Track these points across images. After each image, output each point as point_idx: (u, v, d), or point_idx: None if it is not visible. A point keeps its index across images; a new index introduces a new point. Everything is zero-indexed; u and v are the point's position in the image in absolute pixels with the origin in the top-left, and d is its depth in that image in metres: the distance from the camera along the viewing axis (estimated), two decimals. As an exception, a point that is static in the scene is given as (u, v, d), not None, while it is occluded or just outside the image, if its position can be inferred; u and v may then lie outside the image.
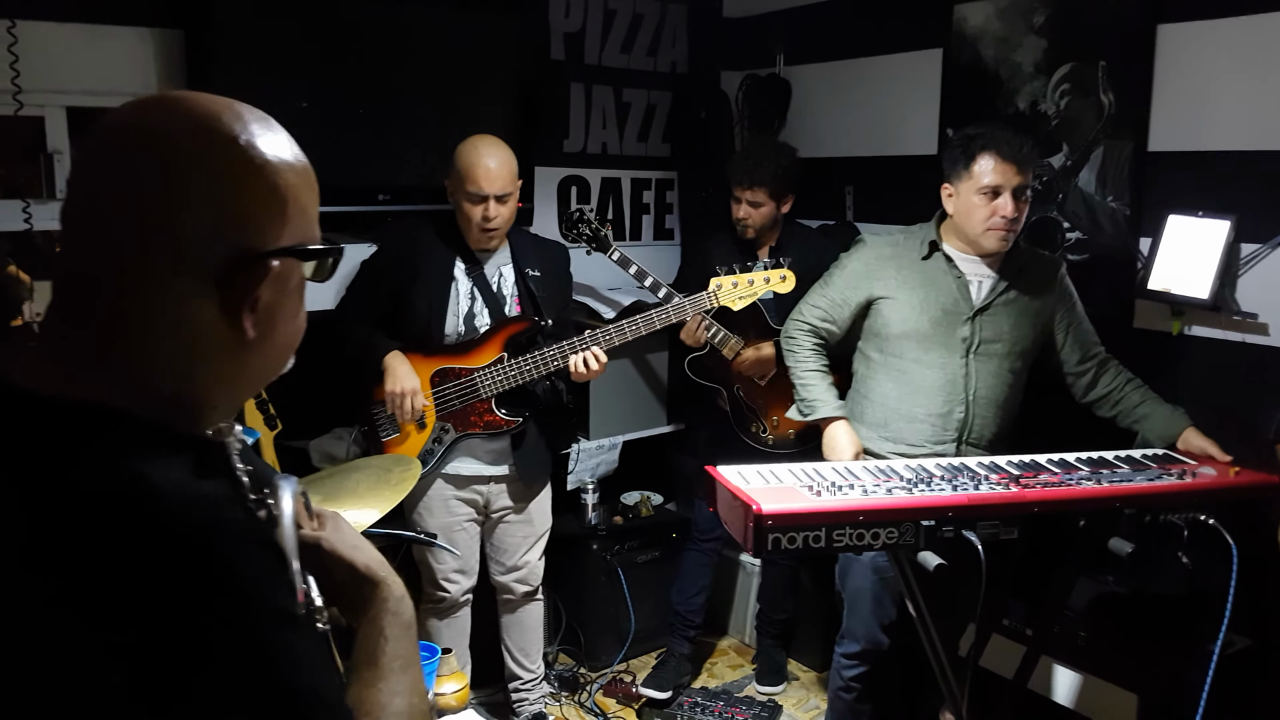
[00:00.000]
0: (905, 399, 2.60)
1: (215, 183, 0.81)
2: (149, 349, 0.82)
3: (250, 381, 0.92)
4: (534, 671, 3.16)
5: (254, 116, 0.86)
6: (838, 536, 1.92)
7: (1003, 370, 2.56)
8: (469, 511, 2.91)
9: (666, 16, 4.01)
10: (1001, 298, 2.56)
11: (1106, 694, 2.53)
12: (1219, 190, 2.66)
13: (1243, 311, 2.63)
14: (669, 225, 4.22)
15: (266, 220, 0.84)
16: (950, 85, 3.33)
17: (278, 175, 0.85)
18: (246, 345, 0.86)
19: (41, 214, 2.80)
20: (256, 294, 0.84)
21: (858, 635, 2.73)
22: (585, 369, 2.70)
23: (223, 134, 0.82)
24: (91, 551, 0.72)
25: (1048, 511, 2.04)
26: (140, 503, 0.74)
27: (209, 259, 0.81)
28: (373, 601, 0.99)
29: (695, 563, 3.50)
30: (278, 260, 0.85)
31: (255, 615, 0.75)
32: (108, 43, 2.84)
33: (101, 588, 0.71)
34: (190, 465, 0.81)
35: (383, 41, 3.16)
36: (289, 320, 0.90)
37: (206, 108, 0.83)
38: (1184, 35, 2.73)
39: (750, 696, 3.45)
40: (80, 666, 0.70)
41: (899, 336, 2.60)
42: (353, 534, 1.04)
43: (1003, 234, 2.49)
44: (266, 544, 0.83)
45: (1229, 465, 2.27)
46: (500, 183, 2.66)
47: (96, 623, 0.70)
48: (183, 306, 0.82)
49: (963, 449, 2.56)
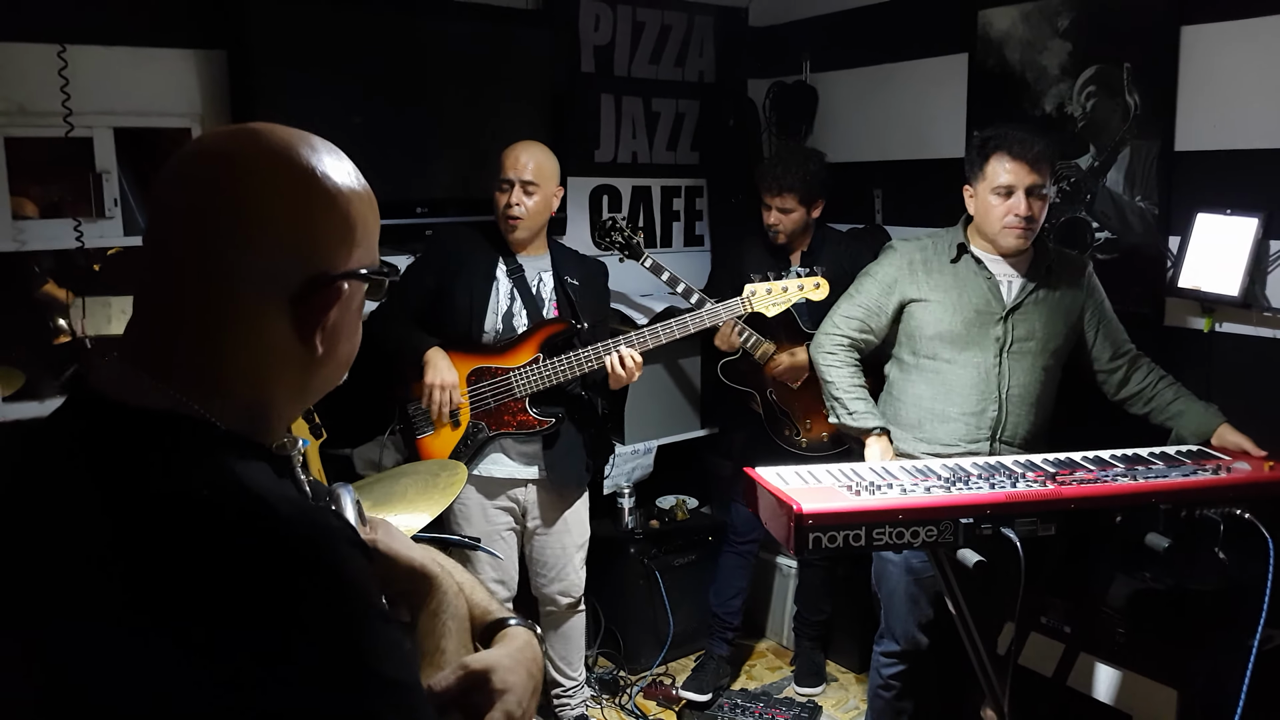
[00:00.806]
0: (939, 399, 2.64)
1: (294, 212, 0.88)
2: (227, 363, 0.88)
3: (313, 393, 0.97)
4: (575, 679, 3.21)
5: (325, 148, 0.93)
6: (877, 535, 1.95)
7: (1035, 368, 2.59)
8: (507, 520, 2.96)
9: (694, 27, 4.07)
10: (1031, 297, 2.60)
11: (1146, 690, 2.55)
12: (1246, 188, 2.68)
13: (1273, 308, 2.65)
14: (699, 232, 4.27)
15: (338, 246, 0.91)
16: (977, 89, 3.37)
17: (349, 204, 0.91)
18: (314, 361, 0.92)
19: (91, 232, 2.89)
20: (327, 314, 0.90)
21: (896, 635, 2.76)
22: (621, 369, 2.74)
23: (301, 166, 0.89)
24: (208, 555, 0.76)
25: (1084, 508, 2.06)
26: (256, 509, 0.79)
27: (286, 282, 0.88)
28: (431, 596, 1.05)
29: (732, 565, 3.54)
30: (347, 283, 0.91)
31: (362, 612, 0.80)
32: (153, 65, 2.94)
33: (221, 590, 0.74)
34: (270, 472, 0.87)
35: (418, 57, 3.24)
36: (350, 337, 0.96)
37: (285, 140, 0.90)
38: (1207, 36, 2.76)
39: (790, 698, 3.49)
40: (198, 663, 0.73)
41: (932, 338, 2.64)
42: (403, 536, 1.10)
43: (1019, 232, 2.54)
44: (358, 545, 0.88)
45: (1264, 460, 2.29)
46: (527, 171, 2.76)
47: (216, 621, 0.74)
48: (259, 324, 0.88)
49: (996, 447, 2.59)
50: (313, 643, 0.76)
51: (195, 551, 0.76)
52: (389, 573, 1.05)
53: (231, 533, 0.77)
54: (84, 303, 2.94)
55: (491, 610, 1.11)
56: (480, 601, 1.11)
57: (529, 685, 1.01)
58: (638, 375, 2.79)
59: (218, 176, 0.87)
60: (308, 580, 0.77)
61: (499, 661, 1.00)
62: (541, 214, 2.84)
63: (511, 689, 0.98)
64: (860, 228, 3.72)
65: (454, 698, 0.96)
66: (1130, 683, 2.58)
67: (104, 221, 2.92)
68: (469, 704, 0.97)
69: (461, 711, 0.97)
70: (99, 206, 2.90)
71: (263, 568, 0.76)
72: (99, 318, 2.95)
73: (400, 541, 1.08)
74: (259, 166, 0.87)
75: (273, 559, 0.77)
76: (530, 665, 1.03)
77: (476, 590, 1.12)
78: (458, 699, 0.97)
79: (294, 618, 0.75)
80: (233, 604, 0.74)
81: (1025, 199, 2.50)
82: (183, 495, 0.79)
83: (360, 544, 0.88)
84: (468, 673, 0.98)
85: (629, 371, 2.76)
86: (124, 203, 2.96)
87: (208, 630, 0.73)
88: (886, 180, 3.74)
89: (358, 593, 0.80)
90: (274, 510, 0.80)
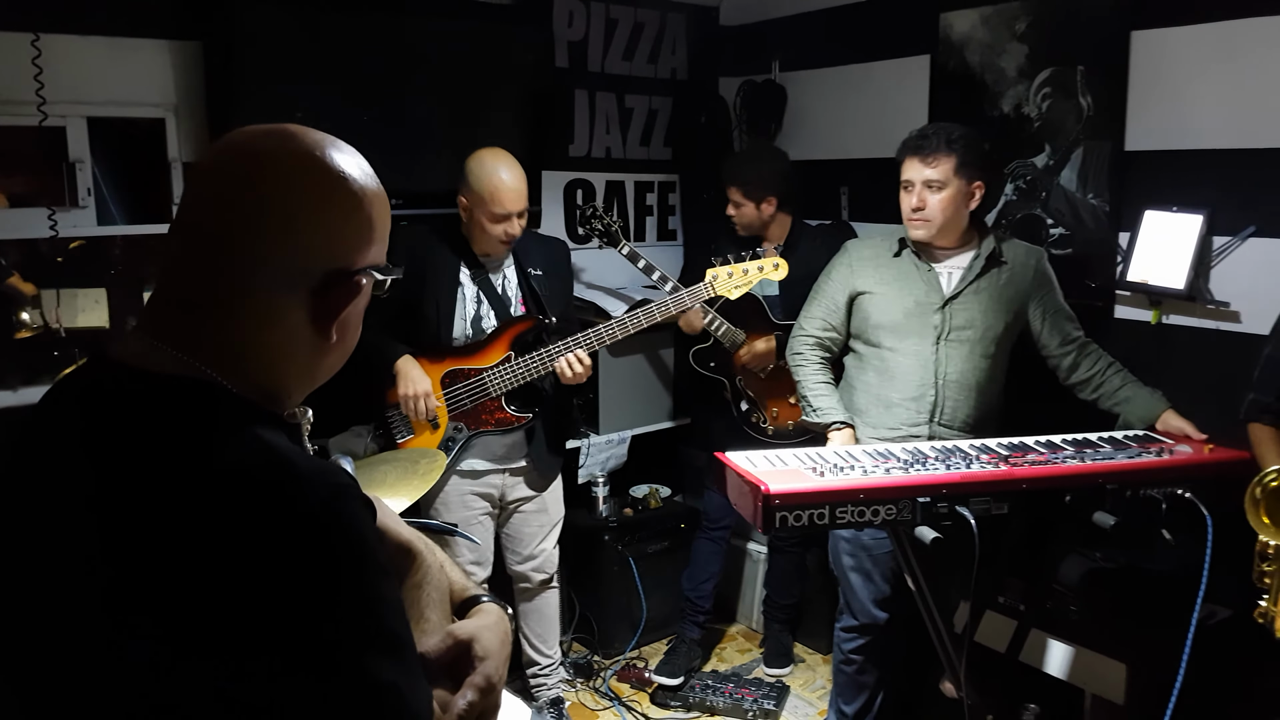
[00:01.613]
0: (885, 386, 2.77)
1: (321, 212, 0.96)
2: (247, 344, 0.95)
3: (320, 378, 1.06)
4: (551, 657, 3.29)
5: (350, 152, 1.01)
6: (840, 514, 2.06)
7: (974, 355, 2.71)
8: (484, 505, 3.03)
9: (666, 25, 4.16)
10: (971, 286, 2.72)
11: (1097, 664, 2.66)
12: (1192, 186, 2.81)
13: (1216, 300, 2.78)
14: (671, 226, 4.36)
15: (357, 243, 0.99)
16: (938, 89, 3.48)
17: (370, 206, 1.00)
18: (326, 348, 1.01)
19: (65, 222, 2.92)
20: (344, 307, 0.99)
21: (854, 610, 2.89)
22: (570, 372, 2.83)
23: (329, 169, 0.97)
24: (242, 512, 0.82)
25: (1036, 488, 2.17)
26: (281, 469, 0.86)
27: (309, 275, 0.96)
28: (416, 569, 1.13)
29: (706, 551, 3.63)
30: (364, 278, 1.00)
31: (376, 569, 0.88)
32: (128, 55, 2.97)
33: (254, 546, 0.81)
34: (286, 438, 0.95)
35: (395, 51, 3.29)
36: (356, 329, 1.06)
37: (316, 142, 0.98)
38: (1157, 41, 2.88)
39: (759, 678, 3.59)
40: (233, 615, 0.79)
41: (877, 328, 2.78)
42: (393, 514, 1.19)
43: (915, 224, 2.69)
44: (367, 503, 0.95)
45: (1204, 444, 2.41)
46: (522, 201, 2.82)
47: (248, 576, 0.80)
48: (281, 311, 0.96)
49: (934, 429, 2.72)
50: (333, 596, 0.83)
51: (218, 508, 0.82)
52: (383, 545, 1.12)
53: (254, 489, 0.84)
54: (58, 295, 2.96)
55: (468, 587, 1.18)
56: (457, 579, 1.19)
57: (504, 653, 1.10)
58: (586, 376, 2.86)
59: (251, 173, 0.95)
60: (326, 534, 0.84)
61: (479, 631, 1.08)
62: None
63: (491, 655, 1.06)
64: (828, 223, 3.83)
65: (444, 663, 1.04)
66: (1082, 658, 2.70)
67: (77, 211, 2.95)
68: (455, 668, 1.05)
69: (447, 674, 1.04)
70: (72, 196, 2.93)
71: (286, 524, 0.83)
72: (70, 309, 2.98)
73: (391, 518, 1.16)
74: (291, 166, 0.96)
75: (295, 514, 0.83)
76: (504, 636, 1.12)
77: (453, 569, 1.19)
78: (446, 664, 1.05)
79: (315, 570, 0.82)
80: (256, 556, 0.81)
81: (918, 192, 2.65)
82: (210, 455, 0.86)
83: (368, 502, 0.95)
84: (455, 640, 1.06)
85: (577, 375, 2.83)
86: (97, 192, 2.98)
87: (236, 580, 0.80)
88: (853, 177, 3.84)
89: (371, 550, 0.88)
90: (296, 467, 0.87)
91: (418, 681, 0.89)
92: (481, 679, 1.04)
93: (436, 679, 1.02)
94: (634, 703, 3.48)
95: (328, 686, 0.81)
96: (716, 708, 3.39)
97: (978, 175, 2.67)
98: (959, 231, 2.73)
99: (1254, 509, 2.15)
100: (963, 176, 2.65)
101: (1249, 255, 2.73)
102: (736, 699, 3.38)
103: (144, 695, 0.80)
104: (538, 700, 3.29)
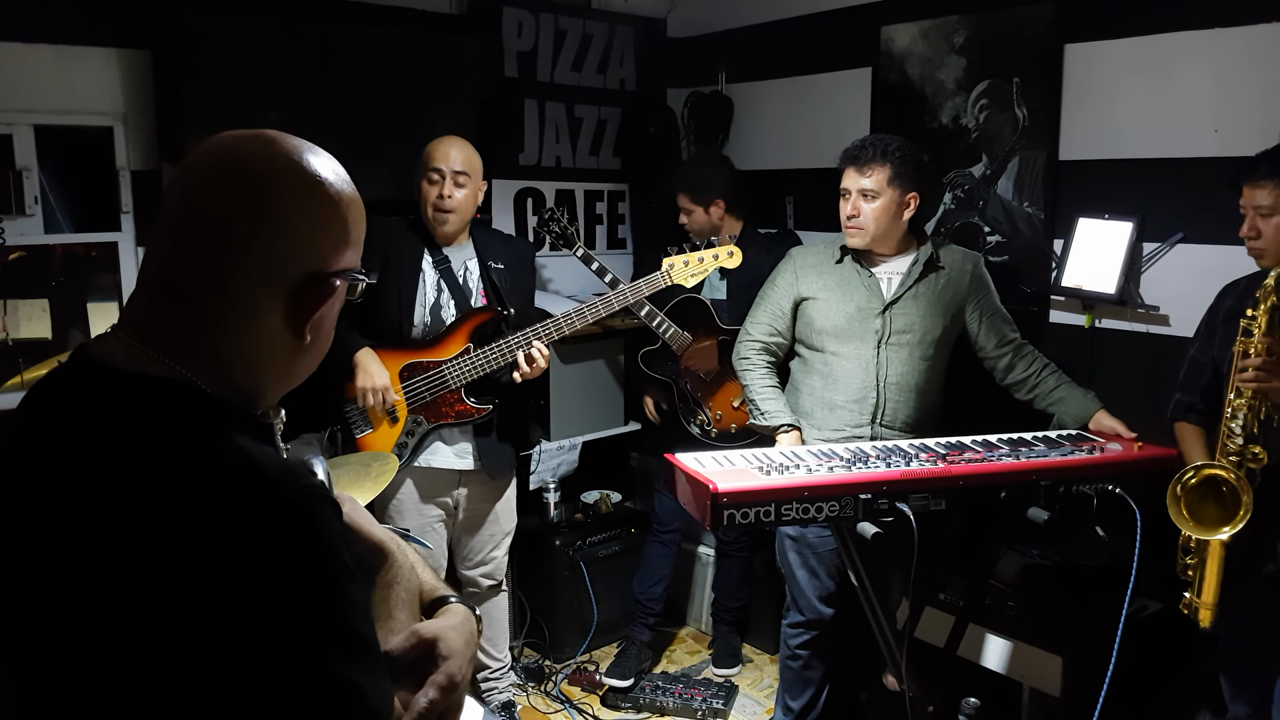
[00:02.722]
0: (828, 389, 2.84)
1: (302, 215, 0.98)
2: (224, 344, 0.97)
3: (295, 378, 1.07)
4: (501, 660, 3.30)
5: (327, 157, 1.04)
6: (786, 511, 2.11)
7: (914, 358, 2.79)
8: (439, 513, 3.04)
9: (615, 37, 4.21)
10: (910, 291, 2.79)
11: (1034, 658, 2.74)
12: (1123, 194, 2.92)
13: (1146, 305, 2.89)
14: (621, 235, 4.41)
15: (335, 246, 1.01)
16: (880, 101, 3.57)
17: (347, 210, 1.03)
18: (301, 349, 1.03)
19: (12, 230, 2.90)
20: (319, 309, 1.01)
21: (800, 606, 2.96)
22: (529, 366, 2.85)
23: (309, 174, 1.00)
24: (211, 512, 0.84)
25: (972, 485, 2.25)
26: (250, 471, 0.88)
27: (287, 278, 0.98)
28: (387, 568, 1.14)
29: (656, 554, 3.67)
30: (340, 281, 1.02)
31: (340, 570, 0.89)
32: (76, 63, 2.95)
33: (220, 546, 0.83)
34: (256, 439, 0.96)
35: (344, 60, 3.31)
36: (330, 331, 1.07)
37: (295, 147, 1.01)
38: (1089, 54, 3.00)
39: (708, 679, 3.63)
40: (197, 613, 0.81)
41: (820, 333, 2.84)
42: (366, 513, 1.20)
43: (850, 231, 2.78)
44: (333, 504, 0.96)
45: (1134, 442, 2.51)
46: (457, 162, 2.83)
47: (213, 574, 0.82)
48: (258, 313, 0.97)
49: (876, 430, 2.79)
50: (296, 596, 0.84)
51: (187, 508, 0.84)
52: (355, 545, 1.13)
53: (224, 490, 0.85)
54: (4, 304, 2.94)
55: (437, 588, 1.20)
56: (428, 580, 1.20)
57: (468, 653, 1.12)
58: (544, 367, 2.89)
59: (236, 175, 0.97)
60: (292, 536, 0.86)
61: (444, 630, 1.10)
62: (471, 206, 2.90)
63: (454, 655, 1.08)
64: (774, 232, 3.90)
65: (408, 662, 1.06)
66: (1020, 651, 2.78)
67: (24, 219, 2.92)
68: (419, 666, 1.07)
69: (411, 672, 1.06)
70: (19, 204, 2.90)
71: (252, 525, 0.84)
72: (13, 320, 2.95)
73: (364, 517, 1.18)
74: (274, 169, 0.98)
75: (262, 516, 0.85)
76: (469, 636, 1.14)
77: (424, 570, 1.21)
78: (410, 663, 1.07)
79: (278, 569, 0.84)
80: (220, 556, 0.82)
81: (854, 201, 2.75)
82: (184, 458, 0.87)
83: (334, 503, 0.96)
84: (420, 639, 1.08)
85: (536, 367, 2.86)
86: (44, 200, 2.96)
87: (197, 576, 0.82)
88: (798, 187, 3.92)
89: (335, 551, 0.89)
90: (264, 470, 0.88)
91: (379, 681, 0.91)
92: (444, 677, 1.05)
93: (400, 677, 1.03)
94: (585, 705, 3.50)
95: (289, 685, 0.83)
96: (666, 708, 3.43)
97: (912, 186, 2.75)
98: (897, 239, 2.81)
99: (1175, 505, 2.25)
100: (896, 187, 2.73)
101: (1177, 261, 2.84)
102: (686, 699, 3.42)
103: (110, 695, 0.82)
104: (489, 704, 3.30)
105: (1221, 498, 2.22)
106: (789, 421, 2.84)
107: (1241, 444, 2.25)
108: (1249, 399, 2.23)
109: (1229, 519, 2.20)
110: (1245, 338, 2.23)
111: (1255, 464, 2.24)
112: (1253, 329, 2.22)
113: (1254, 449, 2.24)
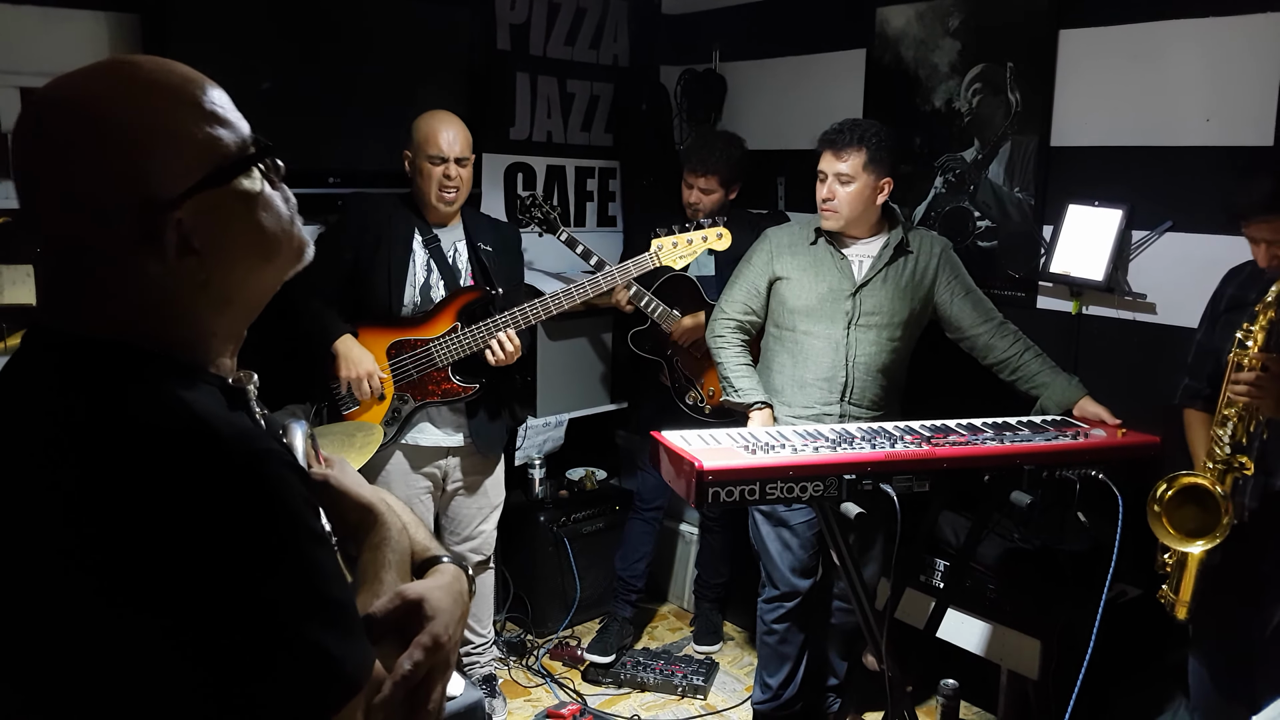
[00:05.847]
0: (799, 367, 2.87)
1: (98, 149, 0.86)
2: (124, 299, 0.90)
3: (241, 306, 0.98)
4: (485, 636, 3.31)
5: (111, 68, 0.92)
6: (770, 490, 2.13)
7: (881, 339, 2.82)
8: (426, 485, 3.04)
9: (608, 12, 4.18)
10: (880, 274, 2.82)
11: (1012, 640, 2.78)
12: (1113, 182, 2.93)
13: (1133, 292, 2.90)
14: (611, 213, 4.39)
15: (158, 167, 0.87)
16: (873, 83, 3.56)
17: (156, 118, 0.89)
18: (208, 281, 0.91)
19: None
20: (181, 237, 0.88)
21: (775, 580, 2.99)
22: (502, 352, 2.84)
23: (96, 100, 0.88)
24: (157, 476, 0.81)
25: (956, 468, 2.27)
26: (199, 431, 0.85)
27: (118, 219, 0.87)
28: (375, 530, 1.11)
29: (639, 531, 3.68)
30: (185, 202, 0.88)
31: (299, 533, 0.86)
32: (63, 25, 2.90)
33: (166, 509, 0.80)
34: (221, 400, 0.93)
35: (336, 29, 3.27)
36: (252, 238, 0.94)
37: (71, 81, 0.91)
38: (1083, 40, 2.99)
39: (689, 655, 3.65)
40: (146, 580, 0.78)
41: (793, 312, 2.87)
42: (356, 475, 1.16)
43: (825, 214, 2.81)
44: (295, 468, 0.92)
45: (1118, 428, 2.53)
46: (460, 148, 2.85)
47: (160, 538, 0.79)
48: (127, 262, 0.88)
49: (845, 408, 2.83)
50: (245, 557, 0.82)
51: (133, 469, 0.81)
52: (340, 507, 1.11)
53: (172, 449, 0.83)
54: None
55: (431, 548, 1.17)
56: (421, 540, 1.17)
57: (456, 612, 1.07)
58: (516, 354, 2.88)
59: (43, 125, 0.89)
60: (243, 498, 0.83)
61: (429, 591, 1.06)
62: (469, 186, 2.92)
63: (440, 614, 1.04)
64: (764, 213, 3.89)
65: (391, 623, 1.03)
66: (999, 634, 2.81)
67: (8, 183, 2.89)
68: (405, 628, 1.04)
69: (396, 634, 1.03)
70: (4, 168, 2.88)
71: (198, 486, 0.81)
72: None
73: (352, 479, 1.14)
74: (54, 115, 0.89)
75: (208, 478, 0.82)
76: (458, 595, 1.10)
77: (419, 530, 1.18)
78: (394, 624, 1.03)
79: (229, 534, 0.81)
80: (168, 520, 0.80)
81: (829, 184, 2.78)
82: (120, 412, 0.84)
83: (297, 468, 0.93)
84: (403, 600, 1.04)
85: (508, 354, 2.85)
86: (29, 164, 2.93)
87: (139, 543, 0.79)
88: (789, 168, 3.91)
89: (290, 511, 0.86)
90: (206, 423, 0.85)
91: (353, 643, 0.88)
92: (428, 638, 1.01)
93: (382, 640, 1.00)
94: (566, 680, 3.52)
95: (247, 651, 0.81)
96: (647, 684, 3.45)
97: (886, 171, 2.78)
98: (870, 222, 2.84)
99: (1157, 522, 2.25)
100: (871, 172, 2.76)
101: (1165, 249, 2.85)
102: (667, 675, 3.44)
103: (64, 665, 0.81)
104: (470, 677, 3.31)
105: (1204, 501, 2.23)
106: (761, 399, 2.86)
107: (1229, 453, 2.25)
108: (1240, 409, 2.23)
109: (1209, 526, 2.21)
110: (1240, 349, 2.21)
111: (1240, 474, 2.24)
112: (1249, 341, 2.20)
113: (1240, 459, 2.24)
